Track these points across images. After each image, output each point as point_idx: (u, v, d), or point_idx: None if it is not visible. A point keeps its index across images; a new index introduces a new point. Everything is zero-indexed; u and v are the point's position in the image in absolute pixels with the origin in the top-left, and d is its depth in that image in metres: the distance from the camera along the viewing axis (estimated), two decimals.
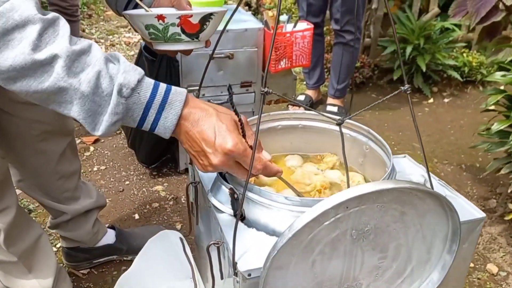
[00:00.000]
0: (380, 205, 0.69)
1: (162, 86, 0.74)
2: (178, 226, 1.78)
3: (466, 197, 0.97)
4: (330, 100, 2.66)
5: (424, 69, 2.79)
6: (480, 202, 1.95)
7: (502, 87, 1.68)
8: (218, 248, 0.81)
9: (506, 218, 1.58)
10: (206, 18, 0.87)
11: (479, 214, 0.92)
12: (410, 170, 1.08)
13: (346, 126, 1.01)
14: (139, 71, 0.73)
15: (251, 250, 0.77)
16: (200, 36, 0.90)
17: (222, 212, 0.85)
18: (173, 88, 0.75)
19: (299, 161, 1.07)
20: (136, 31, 0.96)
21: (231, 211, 0.84)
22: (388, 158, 0.91)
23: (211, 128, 0.74)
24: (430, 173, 1.07)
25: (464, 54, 3.08)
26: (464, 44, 3.12)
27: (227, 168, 0.76)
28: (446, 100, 2.96)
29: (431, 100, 2.93)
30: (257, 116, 0.80)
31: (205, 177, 0.94)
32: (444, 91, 3.05)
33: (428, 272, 0.81)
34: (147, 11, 0.93)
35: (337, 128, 1.03)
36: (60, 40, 0.68)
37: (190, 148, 0.77)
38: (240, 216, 0.82)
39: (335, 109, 2.60)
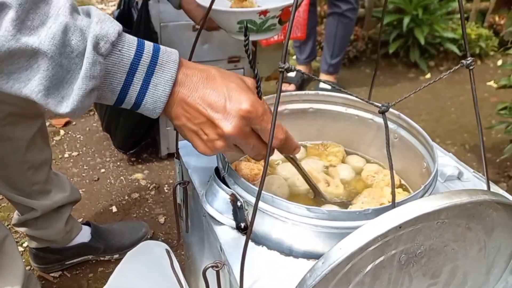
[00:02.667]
0: (441, 222, 0.51)
1: (148, 43, 0.56)
2: (162, 219, 1.59)
3: None
4: (322, 76, 2.47)
5: (422, 42, 2.62)
6: None
7: (500, 62, 1.50)
8: (217, 272, 0.62)
9: None
10: (299, 2, 0.76)
11: None
12: (440, 160, 0.90)
13: (369, 110, 0.83)
14: (118, 23, 0.54)
15: (263, 278, 0.59)
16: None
17: (221, 224, 0.66)
18: (162, 46, 0.57)
19: (301, 153, 0.88)
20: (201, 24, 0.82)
21: (233, 223, 0.66)
22: (427, 151, 0.73)
23: (218, 90, 0.57)
24: (464, 164, 0.91)
25: None
26: None
27: (243, 139, 0.58)
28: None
29: (428, 76, 2.76)
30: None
31: (198, 178, 0.75)
32: (441, 65, 2.88)
33: None
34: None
35: (358, 112, 0.85)
36: None
37: (190, 121, 0.58)
38: (245, 229, 0.63)
39: (328, 86, 2.40)
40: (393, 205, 0.56)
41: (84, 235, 1.42)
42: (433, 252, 0.55)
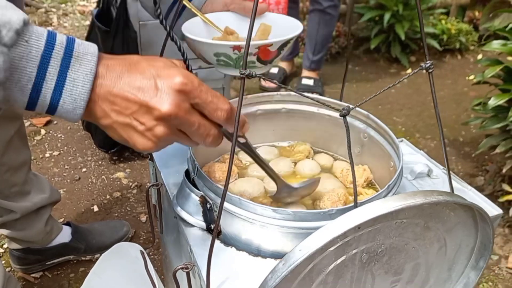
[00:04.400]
0: (399, 222, 0.53)
1: (61, 35, 0.50)
2: (143, 218, 1.59)
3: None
4: (305, 73, 2.48)
5: (403, 38, 2.64)
6: (467, 179, 1.84)
7: (480, 57, 1.53)
8: (187, 274, 0.63)
9: (501, 200, 1.47)
10: (285, 44, 0.74)
11: (495, 210, 0.78)
12: (410, 158, 0.93)
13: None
14: (24, 13, 0.48)
15: (231, 278, 0.60)
16: (273, 61, 0.76)
17: (192, 226, 0.67)
18: (78, 39, 0.51)
19: (273, 154, 0.89)
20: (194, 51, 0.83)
21: (203, 224, 0.67)
22: (394, 151, 0.74)
23: (145, 73, 0.51)
24: (434, 161, 0.93)
25: (443, 21, 2.94)
26: (443, 10, 2.98)
27: (183, 119, 0.52)
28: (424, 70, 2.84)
29: (409, 71, 2.79)
30: (231, 101, 0.62)
31: (169, 179, 0.76)
32: (422, 60, 2.90)
33: None
34: (205, 21, 0.81)
35: (329, 112, 0.86)
36: None
37: (120, 114, 0.52)
38: (216, 235, 0.64)
39: (311, 82, 2.42)
40: (355, 205, 0.57)
41: (64, 235, 1.42)
42: (394, 251, 0.57)
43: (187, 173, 0.70)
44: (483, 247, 0.61)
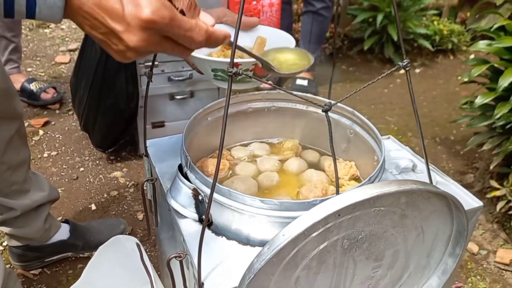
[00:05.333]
0: (378, 209, 0.57)
1: None
2: (140, 216, 1.63)
3: (443, 172, 0.87)
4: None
5: (395, 38, 2.68)
6: (457, 177, 1.89)
7: (472, 57, 1.57)
8: (180, 262, 0.67)
9: (488, 195, 1.51)
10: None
11: (475, 203, 0.82)
12: (396, 154, 0.97)
13: None
14: None
15: (221, 265, 0.63)
16: (269, 74, 0.79)
17: (184, 217, 0.71)
18: None
19: (264, 150, 0.92)
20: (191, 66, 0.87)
21: (196, 216, 0.70)
22: (377, 145, 0.78)
23: None
24: (419, 156, 0.96)
25: (435, 22, 2.99)
26: (435, 12, 3.02)
27: (155, 48, 0.53)
28: (417, 70, 2.88)
29: (402, 71, 2.82)
30: (222, 99, 0.66)
31: (164, 174, 0.79)
32: (415, 61, 2.96)
33: (426, 278, 0.71)
34: None
35: (317, 109, 0.90)
36: None
37: (94, 30, 0.53)
38: (206, 223, 0.68)
39: (305, 82, 2.46)
40: (337, 194, 0.61)
41: (63, 233, 1.44)
42: (373, 238, 0.60)
43: (180, 167, 0.73)
44: (459, 234, 0.65)
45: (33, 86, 2.21)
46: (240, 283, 0.54)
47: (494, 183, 1.49)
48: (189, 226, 0.70)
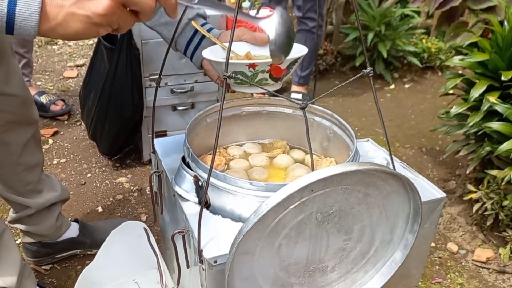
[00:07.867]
0: (344, 188, 0.69)
1: None
2: (143, 218, 1.75)
3: (428, 179, 1.00)
4: (294, 88, 2.67)
5: (385, 55, 2.84)
6: (440, 183, 2.01)
7: (459, 72, 1.72)
8: (183, 237, 0.79)
9: (465, 198, 1.63)
10: (293, 63, 0.85)
11: (439, 194, 0.95)
12: (373, 153, 1.09)
13: (310, 111, 1.01)
14: None
15: (217, 237, 0.76)
16: (283, 78, 0.87)
17: (187, 200, 0.83)
18: None
19: (257, 149, 1.06)
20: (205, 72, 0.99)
21: (196, 199, 0.83)
22: (351, 141, 0.91)
23: None
24: (392, 155, 1.09)
25: (424, 41, 3.15)
26: (423, 31, 3.19)
27: (118, 18, 0.62)
28: (406, 85, 3.03)
29: (392, 86, 2.98)
30: (218, 104, 0.79)
31: (169, 167, 0.92)
32: (405, 77, 3.11)
33: (391, 252, 0.83)
34: (223, 48, 0.92)
35: (302, 113, 1.03)
36: None
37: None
38: (205, 203, 0.81)
39: (299, 96, 2.60)
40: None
41: (72, 231, 1.55)
42: (343, 213, 0.73)
43: (183, 158, 0.87)
44: (415, 213, 0.78)
45: (43, 99, 2.35)
46: (231, 245, 0.66)
47: (471, 187, 1.61)
48: (191, 208, 0.82)
